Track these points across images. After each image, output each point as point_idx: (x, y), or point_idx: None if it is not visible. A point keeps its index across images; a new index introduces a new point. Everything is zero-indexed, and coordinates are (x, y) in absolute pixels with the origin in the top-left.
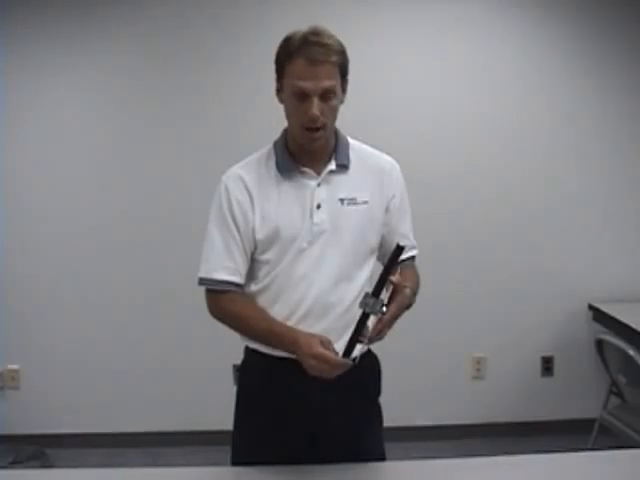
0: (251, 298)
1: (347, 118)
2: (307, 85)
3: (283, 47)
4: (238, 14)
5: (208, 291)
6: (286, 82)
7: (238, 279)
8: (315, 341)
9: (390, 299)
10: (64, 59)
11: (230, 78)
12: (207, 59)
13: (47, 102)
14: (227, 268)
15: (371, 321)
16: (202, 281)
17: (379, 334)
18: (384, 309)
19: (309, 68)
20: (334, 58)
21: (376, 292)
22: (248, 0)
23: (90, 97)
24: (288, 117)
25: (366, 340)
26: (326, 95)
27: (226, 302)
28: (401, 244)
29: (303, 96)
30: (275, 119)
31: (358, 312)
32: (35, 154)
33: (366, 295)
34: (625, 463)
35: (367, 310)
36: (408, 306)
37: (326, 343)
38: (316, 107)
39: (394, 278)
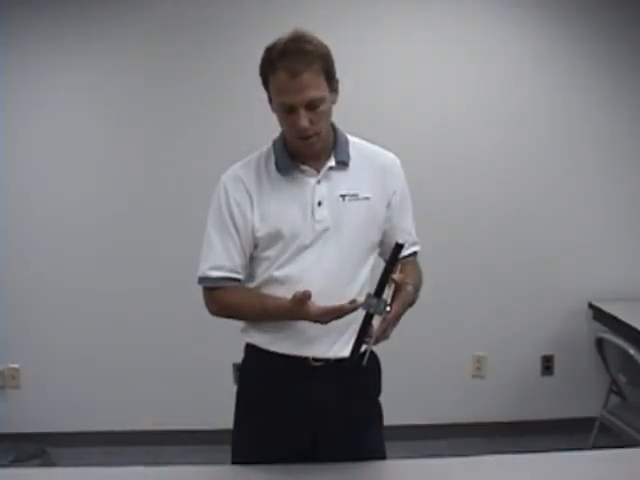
0: (241, 285)
1: (347, 117)
2: (291, 99)
3: (265, 59)
4: (238, 14)
5: (205, 289)
6: (272, 94)
7: (235, 276)
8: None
9: (393, 298)
10: (64, 59)
11: (230, 78)
12: (207, 59)
13: (47, 102)
14: (224, 267)
15: (376, 320)
16: (200, 280)
17: (384, 333)
18: (388, 309)
19: (290, 81)
20: (315, 65)
21: (378, 292)
22: (247, 0)
23: (90, 97)
24: (280, 125)
25: (372, 340)
26: (312, 105)
27: (219, 296)
28: (401, 241)
29: (289, 109)
30: (275, 118)
31: (361, 312)
32: (35, 154)
33: (368, 296)
34: (625, 462)
35: (370, 311)
36: (411, 303)
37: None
38: (304, 119)
39: (396, 276)
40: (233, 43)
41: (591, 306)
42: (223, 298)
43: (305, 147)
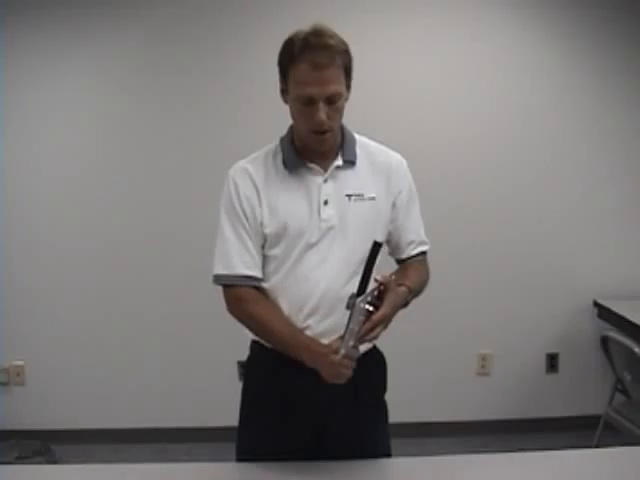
0: (274, 303)
1: (350, 117)
2: (312, 91)
3: (285, 50)
4: (238, 14)
5: (227, 288)
6: (291, 86)
7: (257, 273)
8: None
9: (381, 298)
10: (64, 60)
11: (230, 77)
12: (207, 58)
13: (47, 102)
14: (245, 263)
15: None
16: (220, 278)
17: (369, 333)
18: (371, 308)
19: (313, 74)
20: (338, 61)
21: (359, 292)
22: (247, 0)
23: (90, 98)
24: (294, 119)
25: (355, 340)
26: (332, 99)
27: (249, 302)
28: (380, 240)
29: (308, 101)
30: (276, 118)
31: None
32: (36, 153)
33: (351, 295)
34: (630, 460)
35: (353, 310)
36: (405, 304)
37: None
38: (322, 112)
39: (379, 277)
40: (232, 42)
41: (596, 304)
42: (254, 310)
43: (317, 142)
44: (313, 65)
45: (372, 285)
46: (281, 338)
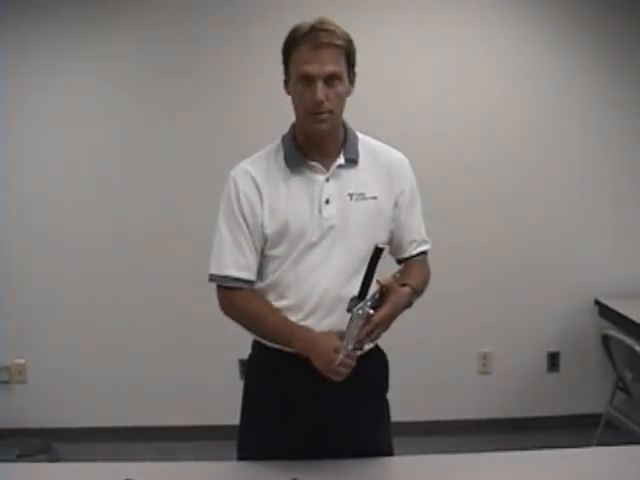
0: (264, 297)
1: (349, 116)
2: (311, 69)
3: (290, 36)
4: (238, 14)
5: (219, 288)
6: (292, 69)
7: (249, 275)
8: (333, 335)
9: (382, 300)
10: (64, 60)
11: (230, 77)
12: (207, 58)
13: (47, 102)
14: (237, 264)
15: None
16: (213, 278)
17: (369, 335)
18: (371, 311)
19: (313, 52)
20: (339, 42)
21: (361, 294)
22: (248, 1)
23: (90, 98)
24: (295, 106)
25: (353, 343)
26: (331, 80)
27: (239, 300)
28: (381, 245)
29: (308, 80)
30: (276, 118)
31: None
32: (35, 153)
33: (352, 298)
34: (631, 459)
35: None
36: (408, 304)
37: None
38: (320, 91)
39: (382, 279)
40: (233, 43)
41: (597, 303)
42: (244, 306)
43: (315, 124)
44: (314, 44)
45: (374, 288)
46: (274, 325)
